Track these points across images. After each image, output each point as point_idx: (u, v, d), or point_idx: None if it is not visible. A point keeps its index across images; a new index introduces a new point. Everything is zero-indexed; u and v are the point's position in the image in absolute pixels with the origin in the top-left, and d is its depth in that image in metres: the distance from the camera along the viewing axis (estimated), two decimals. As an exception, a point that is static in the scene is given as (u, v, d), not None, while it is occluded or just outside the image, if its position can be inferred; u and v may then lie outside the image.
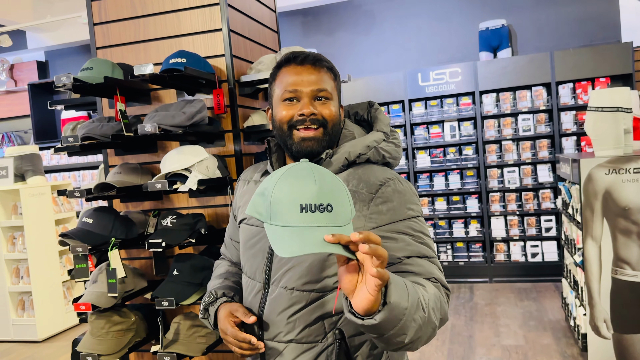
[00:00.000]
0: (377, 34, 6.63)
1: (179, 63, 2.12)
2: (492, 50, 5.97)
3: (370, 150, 1.35)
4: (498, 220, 5.74)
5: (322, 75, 1.33)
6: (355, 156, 1.33)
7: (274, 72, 1.38)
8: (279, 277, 1.28)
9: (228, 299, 1.40)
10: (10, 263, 5.08)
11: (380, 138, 1.38)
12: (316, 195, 0.96)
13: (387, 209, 1.24)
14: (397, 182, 1.29)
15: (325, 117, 1.31)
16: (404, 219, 1.24)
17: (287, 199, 0.96)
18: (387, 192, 1.25)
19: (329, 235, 0.89)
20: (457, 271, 5.84)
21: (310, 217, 0.95)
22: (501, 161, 5.70)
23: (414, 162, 5.94)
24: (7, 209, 5.13)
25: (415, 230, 1.24)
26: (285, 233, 0.95)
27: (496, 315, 4.72)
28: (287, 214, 0.96)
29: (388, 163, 1.40)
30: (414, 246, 1.21)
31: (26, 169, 5.28)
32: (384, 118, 1.45)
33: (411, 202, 1.28)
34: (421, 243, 1.23)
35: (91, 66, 2.21)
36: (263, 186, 1.02)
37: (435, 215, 5.90)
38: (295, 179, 0.98)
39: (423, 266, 1.19)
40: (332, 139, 1.34)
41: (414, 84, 5.91)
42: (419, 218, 1.28)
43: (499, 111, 5.70)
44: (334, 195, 0.98)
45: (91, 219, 2.19)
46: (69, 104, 2.77)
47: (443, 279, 1.22)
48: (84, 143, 2.23)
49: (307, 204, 0.95)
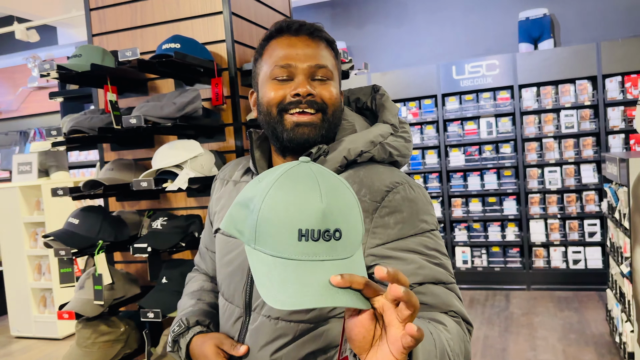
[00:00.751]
0: (409, 26, 6.33)
1: (172, 49, 1.92)
2: (532, 41, 5.63)
3: (375, 147, 1.10)
4: (537, 223, 5.38)
5: (321, 49, 1.09)
6: (356, 154, 1.08)
7: (261, 45, 1.13)
8: (261, 302, 1.04)
9: (203, 328, 1.15)
10: (33, 259, 5.04)
11: (387, 131, 1.13)
12: (322, 216, 0.71)
13: (396, 221, 1.00)
14: (407, 188, 1.05)
15: (324, 99, 1.06)
16: (416, 234, 1.00)
17: (282, 220, 0.71)
18: (396, 201, 1.01)
19: (336, 277, 0.66)
20: (493, 277, 5.50)
21: (311, 248, 0.71)
22: (542, 160, 5.35)
23: (447, 161, 5.63)
24: (30, 205, 5.09)
25: (429, 248, 0.99)
26: (275, 268, 0.70)
27: (533, 327, 4.37)
28: (279, 240, 0.71)
29: (395, 162, 1.16)
30: (427, 269, 0.96)
31: (50, 165, 5.26)
32: (391, 106, 1.19)
33: (425, 212, 1.04)
34: (437, 265, 0.98)
35: (80, 53, 2.03)
36: (247, 194, 0.77)
37: (469, 217, 5.58)
38: (293, 191, 0.73)
39: (439, 296, 0.95)
40: (330, 129, 1.10)
41: (447, 77, 5.60)
42: (434, 232, 1.03)
43: (540, 106, 5.36)
44: (344, 215, 0.73)
45: (77, 220, 2.02)
46: (68, 96, 2.61)
47: (464, 312, 0.97)
48: (72, 136, 2.06)
49: (309, 229, 0.71)
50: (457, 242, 5.62)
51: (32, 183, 4.99)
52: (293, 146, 1.07)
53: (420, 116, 5.69)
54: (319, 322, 1.00)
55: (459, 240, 5.61)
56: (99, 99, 2.35)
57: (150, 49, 2.24)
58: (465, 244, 5.59)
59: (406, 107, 5.74)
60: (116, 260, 2.34)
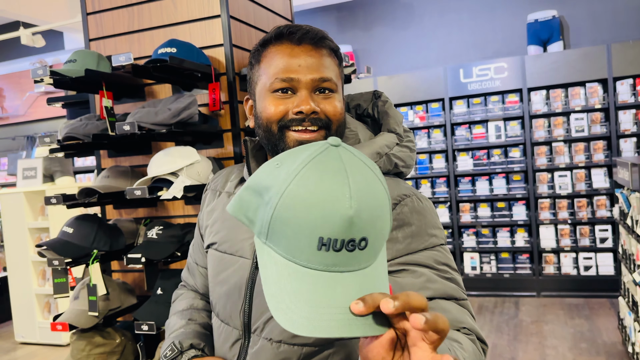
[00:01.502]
0: (416, 28, 6.26)
1: (167, 53, 1.87)
2: (541, 43, 5.53)
3: (381, 158, 1.05)
4: (547, 229, 5.28)
5: (325, 59, 1.02)
6: None
7: (257, 50, 1.06)
8: (261, 324, 0.98)
9: (197, 352, 1.08)
10: (37, 265, 5.02)
11: (393, 142, 1.08)
12: (348, 225, 0.62)
13: (404, 235, 0.95)
14: (415, 200, 1.00)
15: (329, 115, 1.00)
16: (426, 249, 0.95)
17: (301, 224, 0.62)
18: (404, 214, 0.97)
19: (358, 305, 0.58)
20: (502, 284, 5.40)
21: (331, 258, 0.62)
22: (551, 164, 5.25)
23: (455, 165, 5.55)
24: (35, 210, 5.07)
25: (439, 262, 0.95)
26: (288, 275, 0.62)
27: (543, 335, 4.27)
28: (295, 245, 0.63)
29: (400, 173, 1.11)
30: (439, 284, 0.91)
31: (55, 170, 5.24)
32: (395, 114, 1.13)
33: (433, 225, 0.99)
34: (448, 279, 0.93)
35: (75, 58, 1.99)
36: (262, 181, 0.68)
37: (477, 223, 5.48)
38: (318, 188, 0.62)
39: (451, 312, 0.89)
40: None
41: (455, 80, 5.52)
42: (444, 247, 0.99)
43: (549, 110, 5.26)
44: (373, 221, 0.64)
45: (71, 229, 1.97)
46: (68, 101, 2.57)
47: (478, 330, 0.91)
48: (67, 143, 2.02)
49: (332, 238, 0.62)
50: (466, 248, 5.53)
51: (36, 188, 4.97)
52: None
53: (428, 120, 5.61)
54: (324, 346, 0.94)
55: (467, 246, 5.52)
56: (95, 104, 2.31)
57: (148, 53, 2.19)
58: (474, 249, 5.50)
59: (413, 111, 5.66)
60: (113, 269, 2.29)
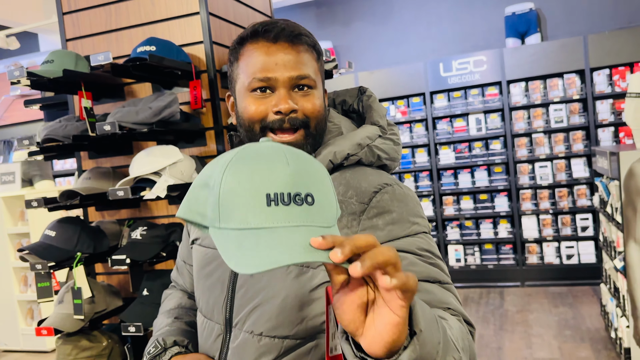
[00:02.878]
0: (396, 23, 6.28)
1: (147, 52, 1.85)
2: (519, 36, 5.58)
3: (362, 149, 1.04)
4: (530, 219, 5.35)
5: (302, 55, 1.01)
6: (343, 157, 1.03)
7: (235, 48, 1.05)
8: (243, 317, 0.97)
9: (181, 348, 1.08)
10: (18, 271, 4.93)
11: (375, 134, 1.08)
12: (290, 179, 0.65)
13: (385, 222, 0.94)
14: (396, 188, 1.00)
15: (307, 113, 1.00)
16: (408, 235, 0.94)
17: (247, 188, 0.64)
18: (384, 201, 0.96)
19: (317, 238, 0.58)
20: (486, 275, 5.45)
21: (282, 213, 0.63)
22: (532, 156, 5.32)
23: (437, 159, 5.58)
24: (15, 216, 4.98)
25: (422, 249, 0.93)
26: (245, 238, 0.62)
27: (528, 324, 4.33)
28: (246, 209, 0.64)
29: (385, 166, 1.11)
30: (421, 267, 0.90)
31: (34, 174, 5.16)
32: (379, 108, 1.13)
33: (415, 213, 0.98)
34: (431, 264, 0.92)
35: (52, 59, 1.96)
36: (205, 173, 0.70)
37: (461, 215, 5.53)
38: (256, 159, 0.67)
39: (434, 293, 0.88)
40: (316, 141, 1.04)
41: (435, 74, 5.55)
42: (427, 235, 0.98)
43: (529, 102, 5.32)
44: (314, 180, 0.67)
45: (54, 232, 1.94)
46: (46, 103, 2.53)
47: (464, 312, 0.90)
48: (46, 145, 1.98)
49: (278, 192, 0.64)
50: (450, 241, 5.57)
51: (15, 193, 4.88)
52: None
53: (409, 114, 5.64)
54: (305, 339, 0.93)
55: (451, 238, 5.56)
56: (74, 105, 2.27)
57: (127, 52, 2.17)
58: (458, 242, 5.54)
59: (394, 106, 5.68)
60: (97, 271, 2.26)
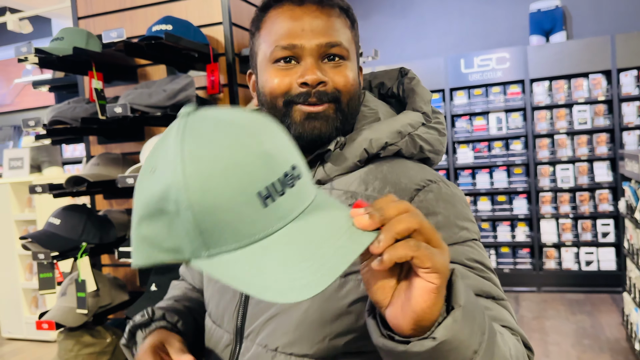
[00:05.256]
0: (416, 17, 6.12)
1: (162, 30, 1.72)
2: (544, 33, 5.41)
3: (403, 138, 0.89)
4: (549, 223, 5.19)
5: (333, 20, 0.87)
6: (380, 147, 0.88)
7: (257, 16, 0.92)
8: (256, 328, 0.83)
9: (168, 324, 0.92)
10: (24, 259, 4.86)
11: (418, 121, 0.92)
12: (272, 159, 0.52)
13: None
14: (443, 186, 0.85)
15: (339, 87, 0.86)
16: (456, 243, 0.79)
17: (229, 194, 0.49)
18: (428, 201, 0.81)
19: (363, 218, 0.49)
20: (502, 279, 5.30)
21: (283, 206, 0.51)
22: (553, 157, 5.16)
23: (455, 158, 5.44)
24: (22, 202, 4.90)
25: (472, 260, 0.79)
26: (262, 256, 0.48)
27: (545, 331, 4.18)
28: (241, 222, 0.49)
29: (427, 159, 0.95)
30: (472, 279, 0.76)
31: (42, 160, 5.07)
32: (423, 92, 0.98)
33: (464, 217, 0.83)
34: (484, 278, 0.78)
35: (62, 36, 1.84)
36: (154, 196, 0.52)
37: (477, 217, 5.38)
38: (215, 149, 0.51)
39: (489, 309, 0.74)
40: (347, 120, 0.90)
41: (455, 71, 5.40)
42: (477, 243, 0.82)
43: (552, 101, 5.15)
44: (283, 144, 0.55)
45: (58, 220, 1.83)
46: (54, 85, 2.42)
47: (523, 333, 0.76)
48: (53, 128, 1.87)
49: (269, 185, 0.50)
50: (465, 242, 5.43)
51: (23, 179, 4.80)
52: (303, 143, 0.86)
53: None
54: (326, 359, 0.78)
55: (466, 240, 5.42)
56: (84, 87, 2.16)
57: (141, 32, 2.05)
58: (483, 257, 5.41)
59: (412, 102, 5.55)
60: (103, 263, 2.15)
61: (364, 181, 0.84)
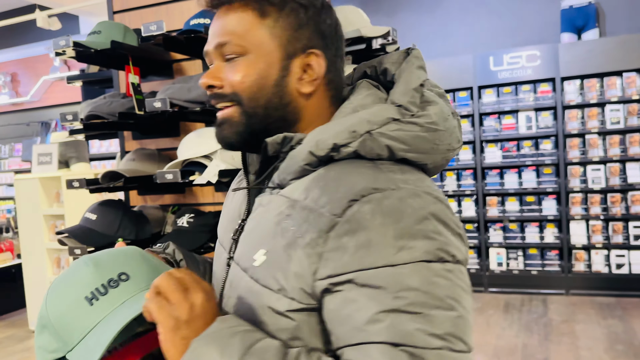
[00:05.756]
0: (443, 14, 6.04)
1: (201, 24, 1.70)
2: (576, 31, 5.30)
3: (358, 138, 0.75)
4: (578, 224, 5.08)
5: (230, 17, 0.79)
6: (327, 149, 0.76)
7: None
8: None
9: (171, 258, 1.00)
10: (52, 252, 4.91)
11: (385, 116, 0.76)
12: (96, 274, 0.74)
13: (357, 244, 0.68)
14: (389, 195, 0.70)
15: (234, 86, 0.79)
16: (390, 265, 0.67)
17: (67, 305, 0.73)
18: (362, 214, 0.69)
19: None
20: (529, 281, 5.21)
21: (107, 302, 0.72)
22: (584, 157, 5.04)
23: (482, 157, 5.35)
24: (50, 197, 4.96)
25: (407, 288, 0.66)
26: (91, 340, 0.71)
27: (575, 335, 4.09)
28: (78, 319, 0.72)
29: (406, 160, 0.78)
30: (386, 323, 0.64)
31: (70, 156, 5.12)
32: (409, 78, 0.80)
33: (410, 234, 0.68)
34: (413, 314, 0.65)
35: (99, 30, 1.83)
36: (39, 317, 0.78)
37: (505, 217, 5.29)
38: (63, 280, 0.77)
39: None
40: (258, 121, 0.81)
41: (484, 68, 5.31)
42: (429, 265, 0.68)
43: (583, 100, 5.04)
44: (124, 263, 0.77)
45: (95, 215, 1.82)
46: (88, 80, 2.42)
47: None
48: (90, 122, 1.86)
49: (94, 289, 0.73)
50: (492, 243, 5.34)
51: (51, 174, 4.85)
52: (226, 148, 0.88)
53: (455, 109, 5.41)
54: None
55: (493, 241, 5.33)
56: (119, 82, 2.15)
57: (177, 27, 2.02)
58: (500, 245, 5.31)
59: (439, 100, 5.47)
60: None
61: (307, 189, 0.75)
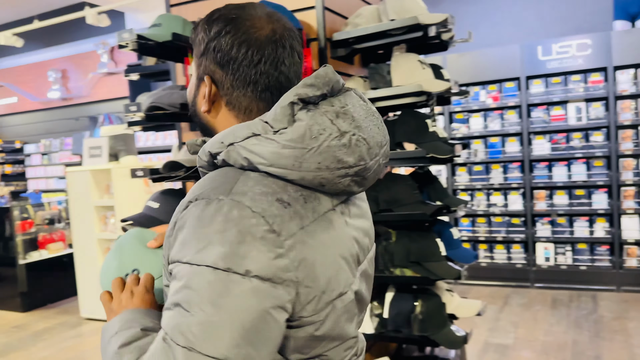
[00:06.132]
0: (489, 2, 5.93)
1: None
2: (630, 18, 5.12)
3: (224, 149, 0.85)
4: (631, 219, 4.91)
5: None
6: (207, 156, 0.90)
7: None
8: None
9: None
10: (102, 243, 5.06)
11: (246, 131, 0.84)
12: (118, 269, 1.04)
13: (180, 240, 0.81)
14: (216, 204, 0.79)
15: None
16: (192, 263, 0.77)
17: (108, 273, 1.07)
18: (188, 214, 0.82)
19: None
20: (578, 276, 5.08)
21: None
22: (638, 150, 4.88)
23: (530, 149, 5.23)
24: (101, 189, 5.11)
25: (189, 285, 0.77)
26: None
27: (628, 333, 3.96)
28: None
29: (268, 173, 0.83)
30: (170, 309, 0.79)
31: (119, 149, 5.26)
32: (289, 94, 0.84)
33: (210, 240, 0.77)
34: (184, 312, 0.76)
35: (160, 22, 1.87)
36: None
37: (553, 211, 5.16)
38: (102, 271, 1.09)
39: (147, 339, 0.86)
40: (201, 127, 0.99)
41: (532, 58, 5.18)
42: (217, 273, 0.75)
43: (637, 90, 4.87)
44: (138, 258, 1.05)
45: (157, 203, 1.86)
46: (145, 72, 2.47)
47: None
48: (151, 113, 1.90)
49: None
50: (539, 238, 5.22)
51: (102, 167, 5.00)
52: None
53: (501, 100, 5.31)
54: None
55: (540, 235, 5.21)
56: (176, 74, 2.19)
57: (233, 19, 2.05)
58: (548, 239, 5.19)
59: (485, 91, 5.37)
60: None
61: (191, 189, 0.87)
